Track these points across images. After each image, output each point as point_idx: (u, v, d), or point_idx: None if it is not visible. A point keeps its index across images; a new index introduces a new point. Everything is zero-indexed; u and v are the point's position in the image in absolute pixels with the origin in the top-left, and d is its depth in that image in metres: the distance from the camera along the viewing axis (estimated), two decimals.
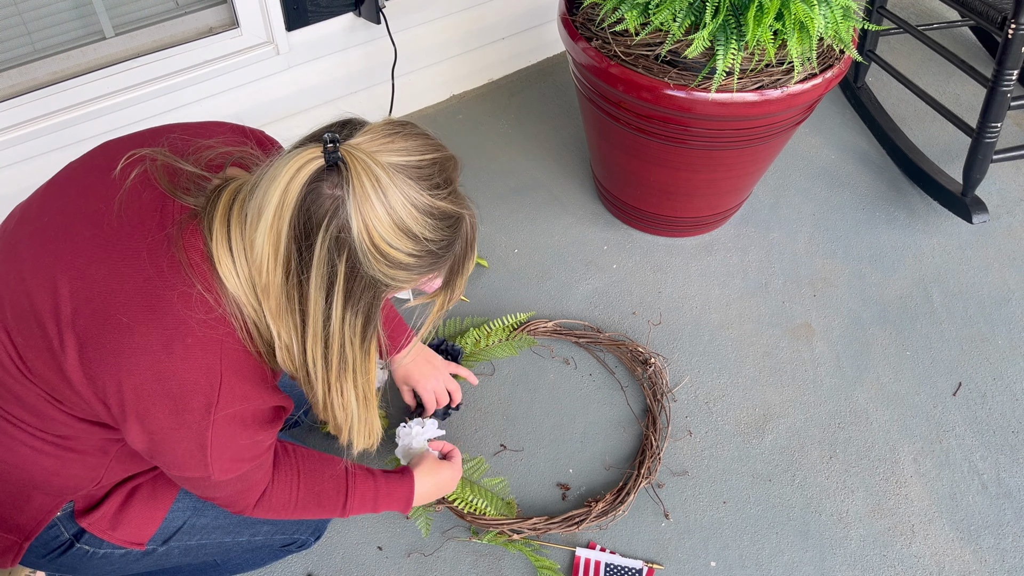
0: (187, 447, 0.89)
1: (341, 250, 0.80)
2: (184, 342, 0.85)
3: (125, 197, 0.90)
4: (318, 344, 0.88)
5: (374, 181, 0.79)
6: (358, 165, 0.78)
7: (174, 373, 0.84)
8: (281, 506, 1.09)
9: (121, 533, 1.05)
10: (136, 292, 0.85)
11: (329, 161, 0.79)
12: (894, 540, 1.49)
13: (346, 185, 0.78)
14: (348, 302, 0.85)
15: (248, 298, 0.87)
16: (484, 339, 1.74)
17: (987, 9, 1.79)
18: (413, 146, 0.84)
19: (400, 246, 0.82)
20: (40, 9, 1.64)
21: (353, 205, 0.78)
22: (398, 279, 0.86)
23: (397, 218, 0.81)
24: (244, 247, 0.85)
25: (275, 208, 0.80)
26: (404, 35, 2.11)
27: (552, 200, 2.10)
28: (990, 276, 1.94)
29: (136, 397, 0.85)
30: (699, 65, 1.53)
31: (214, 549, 1.18)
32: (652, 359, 1.71)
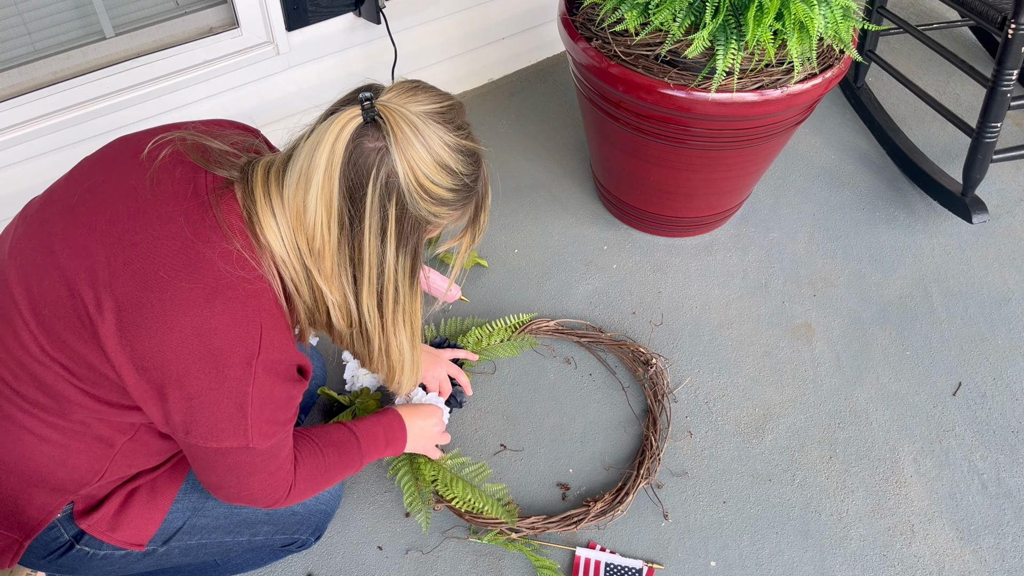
0: (227, 408, 0.90)
1: (391, 195, 0.89)
2: (225, 295, 0.88)
3: (157, 172, 0.94)
4: (373, 292, 0.96)
5: (412, 127, 0.88)
6: (396, 115, 0.88)
7: (216, 327, 0.88)
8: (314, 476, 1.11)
9: (121, 534, 1.05)
10: (176, 252, 0.89)
11: (367, 118, 0.88)
12: (894, 540, 1.49)
13: (388, 136, 0.87)
14: (400, 243, 0.93)
15: (293, 261, 0.93)
16: (486, 339, 1.74)
17: (987, 9, 1.79)
18: (432, 96, 0.93)
19: (441, 182, 0.92)
20: (40, 9, 1.64)
21: (397, 151, 0.88)
22: (439, 215, 0.95)
23: (437, 156, 0.90)
24: (288, 214, 0.91)
25: (324, 169, 0.88)
26: (404, 35, 2.11)
27: (552, 200, 2.10)
28: (990, 276, 1.94)
29: (177, 357, 0.87)
30: (699, 65, 1.53)
31: (214, 549, 1.18)
32: (653, 360, 1.71)
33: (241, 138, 1.02)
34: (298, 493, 1.09)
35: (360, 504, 1.51)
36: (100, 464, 1.00)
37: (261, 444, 0.95)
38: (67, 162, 1.79)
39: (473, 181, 0.97)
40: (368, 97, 0.88)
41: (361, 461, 1.22)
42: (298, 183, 0.89)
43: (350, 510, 1.50)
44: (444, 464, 1.50)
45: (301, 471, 1.10)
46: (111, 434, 0.98)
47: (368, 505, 1.51)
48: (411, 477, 1.49)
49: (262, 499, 1.05)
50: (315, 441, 1.15)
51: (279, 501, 1.07)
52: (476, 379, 1.71)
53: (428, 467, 1.49)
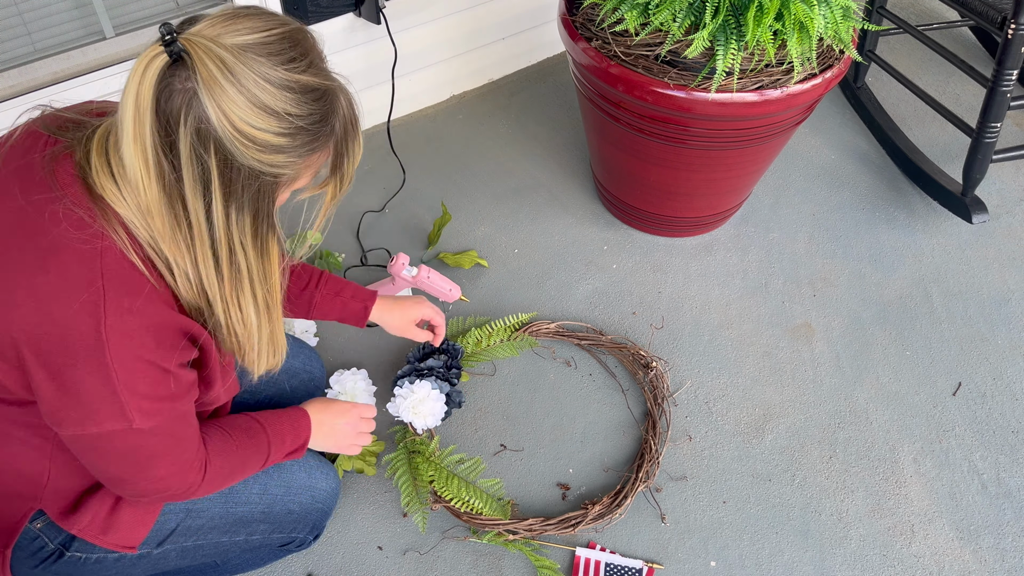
0: (92, 384, 0.82)
1: (206, 144, 0.78)
2: (58, 257, 0.81)
3: (8, 148, 0.89)
4: (208, 256, 0.85)
5: (219, 64, 0.76)
6: (200, 51, 0.76)
7: (53, 293, 0.80)
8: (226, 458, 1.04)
9: (112, 537, 1.04)
10: (7, 220, 0.83)
11: (172, 55, 0.76)
12: (894, 540, 1.49)
13: (194, 75, 0.76)
14: (229, 200, 0.82)
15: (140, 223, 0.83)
16: (485, 339, 1.74)
17: (987, 9, 1.79)
18: (256, 25, 0.81)
19: (264, 126, 0.79)
20: (40, 9, 1.64)
21: (206, 93, 0.76)
22: (277, 164, 0.83)
23: (253, 97, 0.78)
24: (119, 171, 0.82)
25: (132, 116, 0.77)
26: (404, 35, 2.11)
27: (552, 200, 2.10)
28: (990, 276, 1.94)
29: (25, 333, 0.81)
30: (699, 65, 1.53)
31: (211, 550, 1.18)
32: (654, 363, 1.71)
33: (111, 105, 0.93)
34: (213, 477, 1.02)
35: (360, 504, 1.51)
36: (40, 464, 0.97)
37: (145, 423, 0.86)
38: None
39: (316, 122, 0.84)
40: (170, 30, 0.76)
41: (269, 450, 1.11)
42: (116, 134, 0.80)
43: (350, 510, 1.50)
44: (440, 461, 1.50)
45: (213, 452, 1.02)
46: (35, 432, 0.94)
47: (368, 505, 1.51)
48: (409, 477, 1.50)
49: (174, 487, 0.97)
50: (222, 427, 1.07)
51: (194, 487, 0.99)
52: (476, 379, 1.71)
53: (426, 466, 1.49)
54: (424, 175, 2.16)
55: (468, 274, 1.91)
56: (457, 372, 1.64)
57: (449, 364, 1.64)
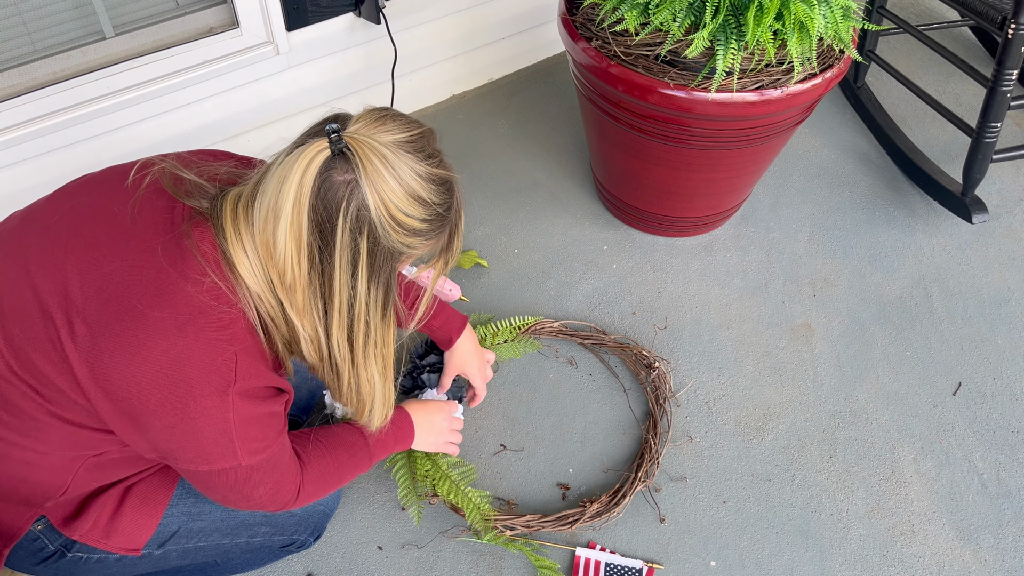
0: (210, 434, 0.90)
1: (362, 228, 0.87)
2: (197, 324, 0.87)
3: (139, 200, 0.93)
4: (343, 326, 0.93)
5: (382, 158, 0.86)
6: (364, 148, 0.85)
7: (189, 357, 0.86)
8: (324, 476, 1.12)
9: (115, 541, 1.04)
10: (149, 281, 0.88)
11: (335, 150, 0.85)
12: (894, 540, 1.49)
13: (357, 168, 0.85)
14: (371, 277, 0.91)
15: (266, 294, 0.91)
16: (490, 338, 1.74)
17: (987, 9, 1.79)
18: (401, 124, 0.91)
19: (414, 213, 0.90)
20: (40, 9, 1.64)
21: (367, 184, 0.85)
22: (413, 246, 0.93)
23: (408, 188, 0.88)
24: (258, 249, 0.89)
25: (293, 204, 0.85)
26: (404, 35, 2.11)
27: (552, 200, 2.10)
28: (990, 276, 1.94)
29: (152, 388, 0.86)
30: (699, 65, 1.53)
31: (212, 551, 1.18)
32: (656, 363, 1.71)
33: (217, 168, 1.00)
34: (308, 494, 1.10)
35: (360, 504, 1.51)
36: (63, 479, 0.99)
37: (252, 460, 0.95)
38: (67, 162, 1.80)
39: (446, 210, 0.95)
40: (336, 129, 0.85)
41: (370, 460, 1.21)
42: (266, 218, 0.87)
43: (350, 510, 1.50)
44: (437, 459, 1.51)
45: (309, 472, 1.10)
46: (75, 455, 0.97)
47: (368, 505, 1.51)
48: (407, 471, 1.50)
49: (271, 505, 1.04)
50: (323, 442, 1.15)
51: (289, 504, 1.07)
52: None
53: (423, 462, 1.49)
54: None
55: (468, 274, 1.91)
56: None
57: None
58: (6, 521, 0.99)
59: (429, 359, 1.62)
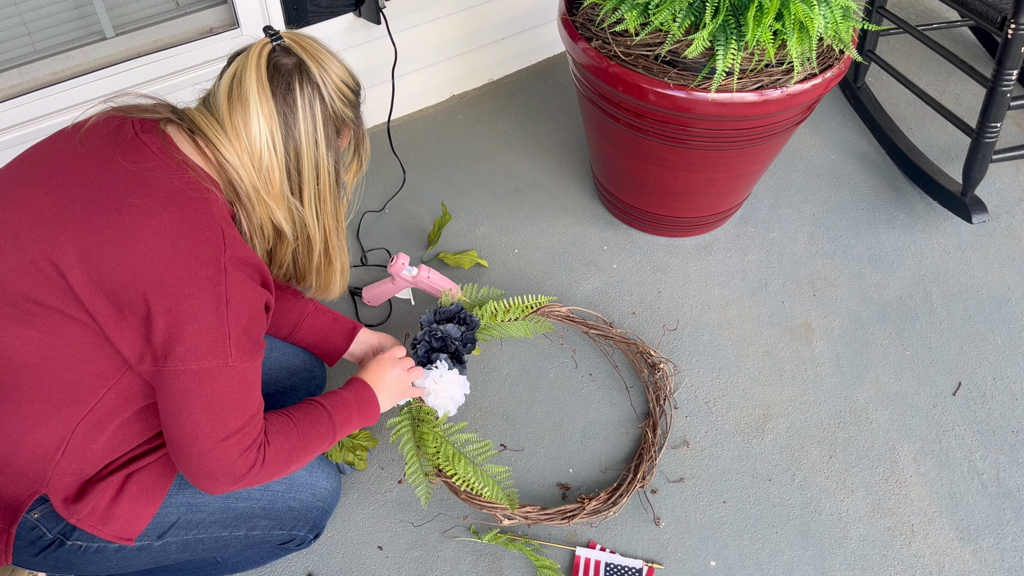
0: (206, 314, 0.92)
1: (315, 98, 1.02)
2: (179, 201, 0.94)
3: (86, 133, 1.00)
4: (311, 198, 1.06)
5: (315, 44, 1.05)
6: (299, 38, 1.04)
7: (179, 230, 0.92)
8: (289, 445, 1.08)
9: (111, 528, 1.04)
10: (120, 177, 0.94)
11: (275, 45, 1.02)
12: (894, 540, 1.49)
13: (299, 52, 1.02)
14: (328, 143, 1.05)
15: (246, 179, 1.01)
16: (501, 313, 1.65)
17: (987, 9, 1.79)
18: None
19: (350, 83, 1.08)
20: (40, 9, 1.64)
21: (311, 61, 1.02)
22: (347, 120, 1.08)
23: (339, 66, 1.07)
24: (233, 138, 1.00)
25: (256, 89, 0.99)
26: (404, 35, 2.11)
27: (552, 200, 2.10)
28: (990, 276, 1.94)
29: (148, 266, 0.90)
30: (699, 65, 1.53)
31: (211, 544, 1.18)
32: (661, 364, 1.70)
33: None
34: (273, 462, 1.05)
35: (360, 504, 1.51)
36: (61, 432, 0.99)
37: (239, 362, 0.96)
38: None
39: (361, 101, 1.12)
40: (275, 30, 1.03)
41: (335, 434, 1.18)
42: (234, 109, 0.99)
43: (350, 510, 1.50)
44: (448, 437, 1.44)
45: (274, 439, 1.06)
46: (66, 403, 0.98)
47: (368, 505, 1.51)
48: (413, 446, 1.43)
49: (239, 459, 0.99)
50: (287, 415, 1.12)
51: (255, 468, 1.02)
52: (482, 356, 1.71)
53: (431, 438, 1.42)
54: (424, 175, 2.16)
55: (468, 274, 1.91)
56: (472, 345, 1.54)
57: (464, 336, 1.54)
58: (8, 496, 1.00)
59: (447, 327, 1.51)
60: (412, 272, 1.68)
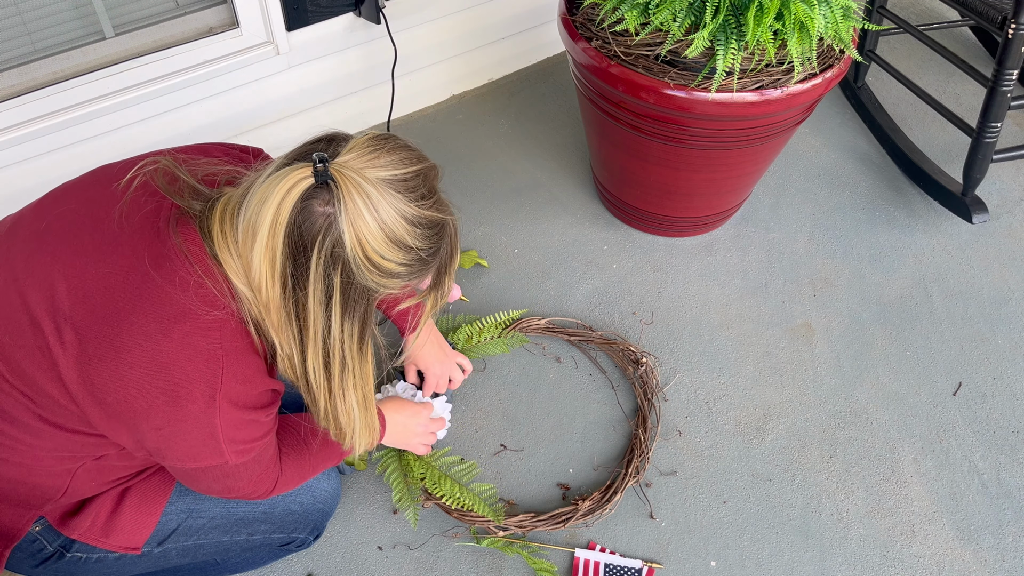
0: (198, 436, 0.89)
1: (336, 264, 0.84)
2: (182, 327, 0.86)
3: (128, 203, 0.92)
4: (319, 355, 0.91)
5: (365, 197, 0.82)
6: (348, 183, 0.82)
7: (174, 362, 0.85)
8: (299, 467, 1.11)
9: (115, 540, 1.05)
10: (135, 285, 0.87)
11: (319, 180, 0.82)
12: (894, 540, 1.49)
13: (337, 203, 0.82)
14: (345, 312, 0.88)
15: (252, 299, 0.89)
16: (476, 335, 1.74)
17: (987, 9, 1.79)
18: (397, 160, 0.87)
19: (392, 257, 0.86)
20: (40, 9, 1.64)
21: (346, 221, 0.82)
22: (389, 286, 0.90)
23: (388, 231, 0.84)
24: (240, 261, 0.88)
25: (269, 227, 0.83)
26: (404, 35, 2.11)
27: (552, 200, 2.10)
28: (990, 276, 1.94)
29: (138, 393, 0.85)
30: (699, 65, 1.53)
31: (212, 549, 1.18)
32: (643, 358, 1.71)
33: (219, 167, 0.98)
34: (284, 483, 1.09)
35: (360, 504, 1.51)
36: (62, 481, 0.99)
37: (239, 460, 0.95)
38: (67, 163, 1.80)
39: (431, 254, 0.91)
40: (323, 158, 0.82)
41: (343, 452, 1.19)
42: (245, 234, 0.85)
43: (350, 510, 1.50)
44: (433, 462, 1.51)
45: (286, 462, 1.09)
46: (72, 457, 0.97)
47: (368, 505, 1.51)
48: (400, 474, 1.50)
49: (250, 495, 1.05)
50: (298, 432, 1.13)
51: (266, 494, 1.08)
52: (469, 376, 1.71)
53: (417, 464, 1.50)
54: None
55: (468, 274, 1.91)
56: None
57: None
58: (5, 523, 0.99)
59: None
60: None
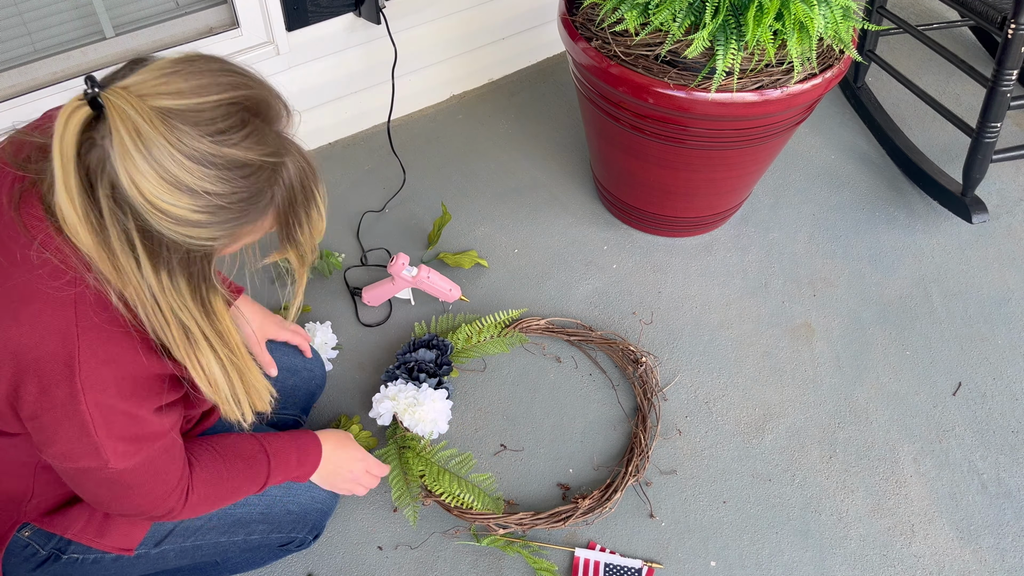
0: (69, 428, 0.81)
1: (123, 207, 0.74)
2: (30, 307, 0.78)
3: None
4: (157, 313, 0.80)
5: (133, 133, 0.70)
6: (116, 114, 0.70)
7: (26, 344, 0.78)
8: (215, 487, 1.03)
9: (109, 540, 1.03)
10: None
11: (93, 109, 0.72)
12: (894, 540, 1.49)
13: (109, 136, 0.71)
14: (157, 264, 0.77)
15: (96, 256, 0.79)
16: (475, 335, 1.74)
17: (987, 9, 1.79)
18: (194, 87, 0.74)
19: (175, 202, 0.73)
20: (40, 9, 1.64)
21: (117, 159, 0.71)
22: (198, 236, 0.77)
23: (164, 172, 0.72)
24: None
25: (60, 165, 0.72)
26: (404, 35, 2.11)
27: (552, 200, 2.10)
28: (990, 276, 1.94)
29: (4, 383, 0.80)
30: (699, 65, 1.53)
31: (210, 549, 1.18)
32: (643, 358, 1.71)
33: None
34: (197, 504, 1.00)
35: (360, 504, 1.51)
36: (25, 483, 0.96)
37: (121, 464, 0.85)
38: None
39: (242, 200, 0.77)
40: (95, 82, 0.71)
41: (267, 479, 1.10)
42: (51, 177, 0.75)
43: (350, 510, 1.50)
44: (431, 456, 1.51)
45: (199, 480, 1.00)
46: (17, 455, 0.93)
47: (368, 505, 1.51)
48: (400, 472, 1.50)
49: (152, 511, 0.95)
50: (218, 451, 1.05)
51: (174, 512, 0.97)
52: (473, 378, 1.71)
53: (416, 461, 1.50)
54: (424, 175, 2.16)
55: (468, 274, 1.91)
56: (448, 368, 1.64)
57: (439, 360, 1.64)
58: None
59: (419, 354, 1.62)
60: (412, 272, 1.68)
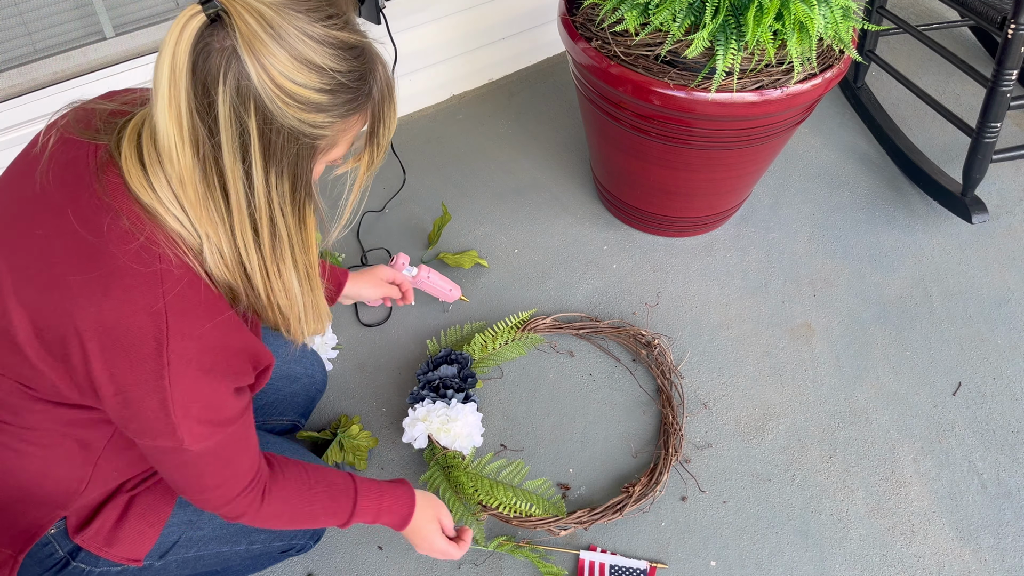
0: (151, 403, 0.84)
1: (246, 103, 0.76)
2: (121, 283, 0.81)
3: (47, 162, 0.87)
4: (246, 225, 0.83)
5: (259, 19, 0.74)
6: (239, 7, 0.74)
7: (118, 319, 0.81)
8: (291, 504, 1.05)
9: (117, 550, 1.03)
10: (69, 247, 0.83)
11: (209, 13, 0.74)
12: (894, 540, 1.49)
13: (233, 32, 0.74)
14: (269, 163, 0.80)
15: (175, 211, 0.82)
16: (490, 343, 1.73)
17: (987, 9, 1.79)
18: None
19: (306, 81, 0.77)
20: (40, 9, 1.64)
21: (245, 49, 0.74)
22: (317, 123, 0.81)
23: (294, 51, 0.76)
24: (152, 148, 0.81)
25: (168, 80, 0.75)
26: (404, 35, 2.11)
27: (552, 200, 2.10)
28: (990, 276, 1.94)
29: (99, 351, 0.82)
30: (699, 65, 1.53)
31: (212, 560, 1.17)
32: (656, 340, 1.73)
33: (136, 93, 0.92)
34: (270, 516, 1.03)
35: None
36: (83, 470, 0.97)
37: (195, 446, 0.88)
38: None
39: (356, 80, 0.82)
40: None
41: (350, 517, 1.13)
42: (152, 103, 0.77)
43: None
44: (480, 472, 1.50)
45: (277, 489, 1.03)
46: (86, 436, 0.95)
47: None
48: (452, 493, 1.48)
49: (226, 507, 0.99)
50: (308, 474, 1.09)
51: (248, 513, 1.01)
52: (484, 384, 1.71)
53: (467, 479, 1.47)
54: (424, 175, 2.16)
55: (468, 274, 1.91)
56: (473, 380, 1.63)
57: (462, 373, 1.63)
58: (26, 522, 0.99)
59: (441, 371, 1.61)
60: (412, 272, 1.68)
